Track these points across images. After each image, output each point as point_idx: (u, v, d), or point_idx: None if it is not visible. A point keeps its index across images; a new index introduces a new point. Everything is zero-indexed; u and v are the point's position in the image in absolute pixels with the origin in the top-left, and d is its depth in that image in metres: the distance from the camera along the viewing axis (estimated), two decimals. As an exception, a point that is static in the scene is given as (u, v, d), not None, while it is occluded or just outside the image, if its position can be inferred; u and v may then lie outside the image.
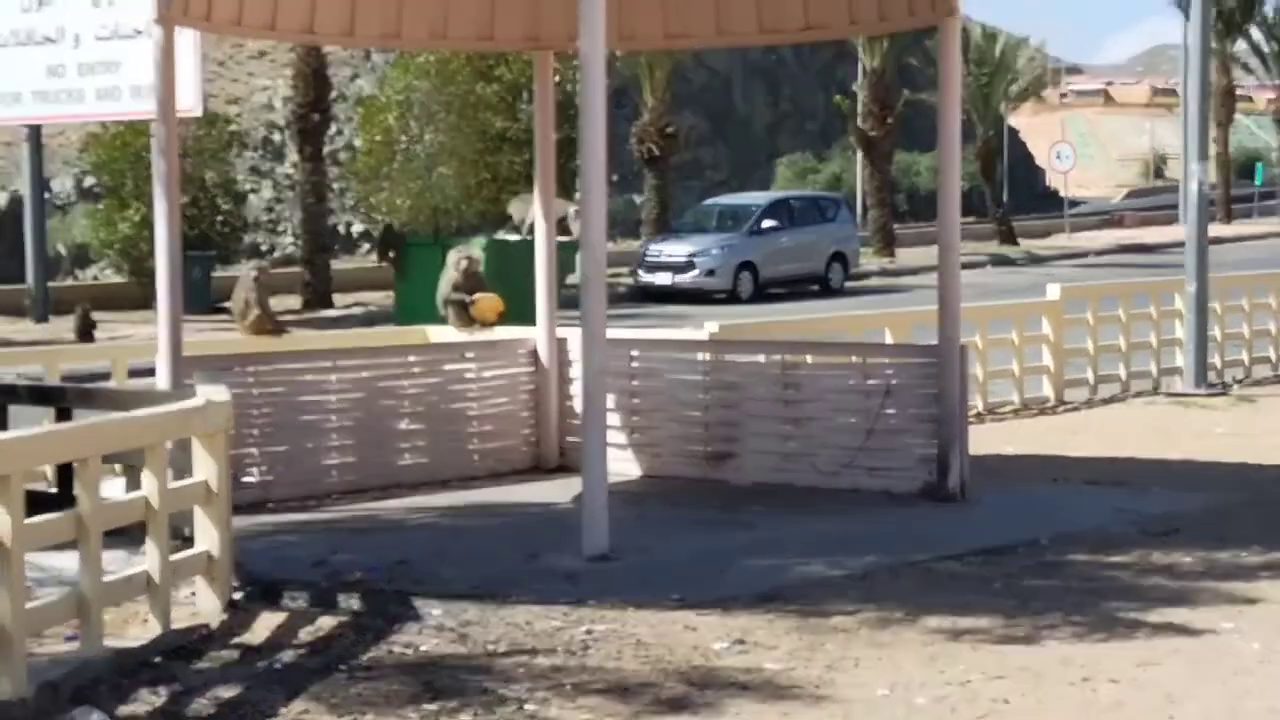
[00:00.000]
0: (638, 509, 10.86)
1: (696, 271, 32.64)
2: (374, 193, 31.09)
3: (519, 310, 26.90)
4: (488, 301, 13.81)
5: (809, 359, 12.23)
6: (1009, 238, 47.69)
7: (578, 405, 12.16)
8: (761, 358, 12.26)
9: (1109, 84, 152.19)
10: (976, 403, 15.35)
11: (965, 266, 40.79)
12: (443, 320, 13.97)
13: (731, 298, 32.53)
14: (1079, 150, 62.01)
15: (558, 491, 11.63)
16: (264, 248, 45.74)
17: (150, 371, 11.26)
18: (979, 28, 47.83)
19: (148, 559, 6.87)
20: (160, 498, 6.75)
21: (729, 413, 12.12)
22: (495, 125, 31.77)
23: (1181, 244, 49.49)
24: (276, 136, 55.04)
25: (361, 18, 12.06)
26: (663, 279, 32.83)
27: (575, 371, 12.53)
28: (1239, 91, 63.28)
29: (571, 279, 35.55)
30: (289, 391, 11.49)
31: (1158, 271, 38.64)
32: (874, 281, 37.23)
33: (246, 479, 11.09)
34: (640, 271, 33.55)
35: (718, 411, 12.17)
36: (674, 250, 33.10)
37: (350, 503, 11.35)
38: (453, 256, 14.39)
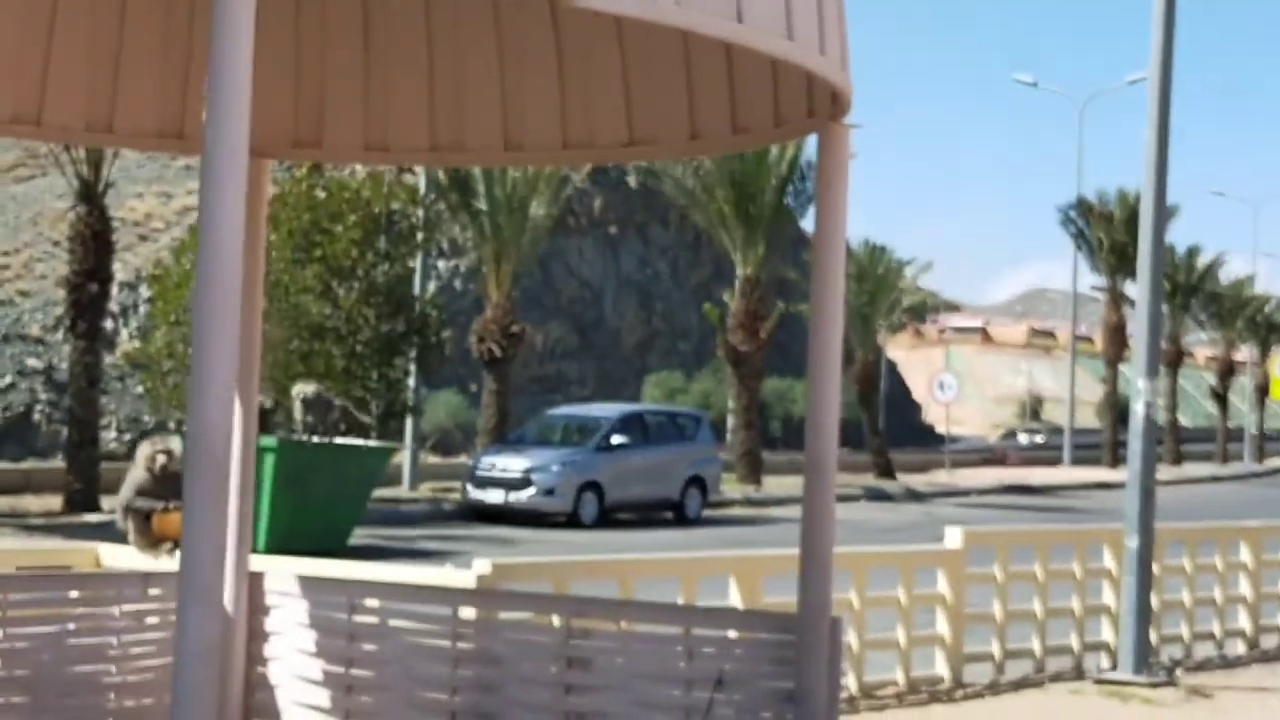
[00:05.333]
0: None
1: (533, 490, 28.66)
2: (150, 380, 27.09)
3: (319, 527, 23.10)
4: (174, 519, 9.71)
5: (616, 624, 8.25)
6: (886, 471, 44.39)
7: (275, 672, 8.32)
8: (538, 619, 8.29)
9: (987, 322, 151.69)
10: (849, 682, 11.53)
11: (838, 500, 36.81)
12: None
13: (572, 521, 28.58)
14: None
15: (208, 815, 7.56)
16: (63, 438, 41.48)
17: None
18: (864, 241, 44.95)
19: None
20: None
21: (485, 700, 8.09)
22: (312, 311, 28.02)
23: (1068, 486, 46.97)
24: (108, 324, 51.43)
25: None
26: (494, 496, 28.83)
27: (275, 622, 8.60)
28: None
29: (392, 492, 31.78)
30: None
31: (1047, 515, 35.33)
32: (736, 511, 33.50)
33: None
34: (470, 487, 29.55)
35: (471, 697, 8.13)
36: (509, 464, 29.12)
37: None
38: (144, 450, 10.40)
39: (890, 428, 58.58)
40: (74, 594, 8.40)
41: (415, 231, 31.57)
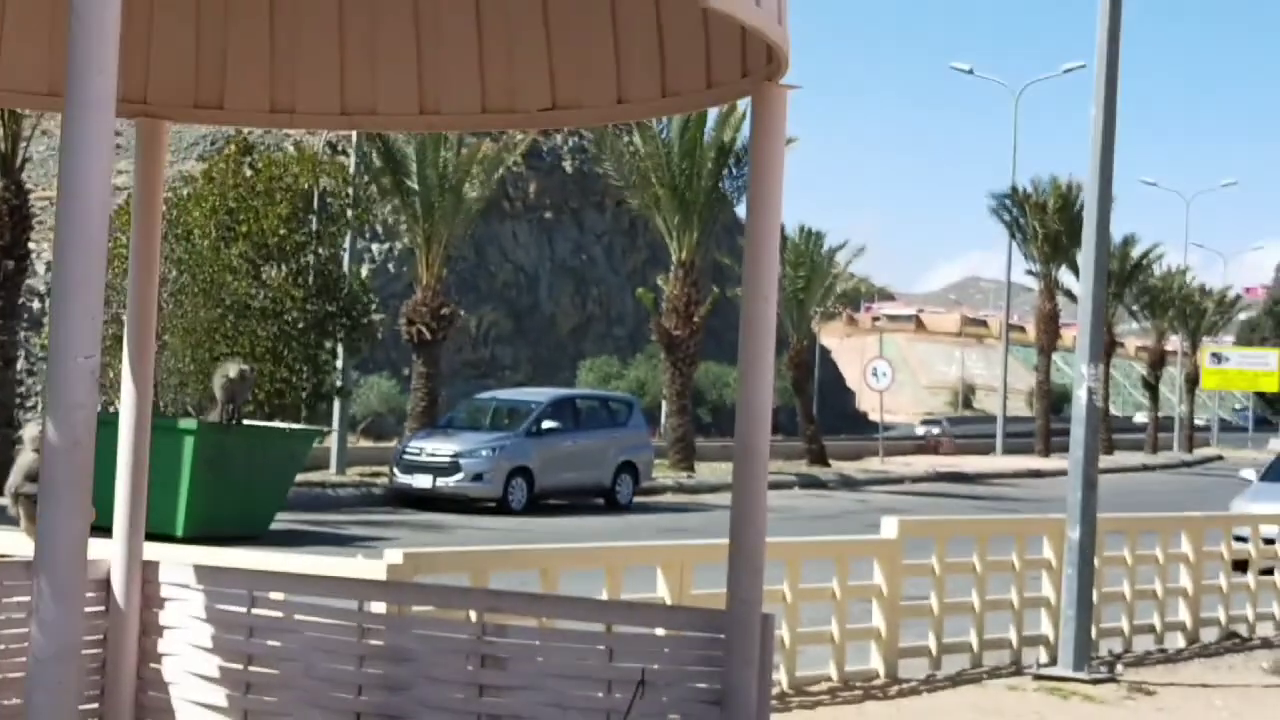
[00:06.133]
0: None
1: (461, 475, 28.08)
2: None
3: (240, 512, 22.44)
4: None
5: (533, 620, 7.75)
6: (819, 458, 44.02)
7: (169, 669, 7.84)
8: (451, 614, 7.82)
9: (921, 311, 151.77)
10: (780, 677, 11.08)
11: (771, 486, 36.42)
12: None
13: (501, 507, 28.04)
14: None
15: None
16: None
17: None
18: (800, 227, 44.47)
19: None
20: None
21: (393, 700, 7.59)
22: (236, 292, 27.36)
23: (1001, 474, 46.75)
24: (35, 304, 50.54)
25: None
26: (422, 481, 28.24)
27: (170, 616, 8.06)
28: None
29: (319, 476, 31.12)
30: None
31: (980, 504, 35.02)
32: (668, 498, 33.04)
33: None
34: (397, 471, 28.95)
35: (378, 697, 7.63)
36: (437, 448, 28.53)
37: None
38: (30, 431, 9.90)
39: (824, 415, 58.19)
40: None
41: (345, 211, 30.94)
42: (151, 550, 8.37)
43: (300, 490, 26.82)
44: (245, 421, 22.79)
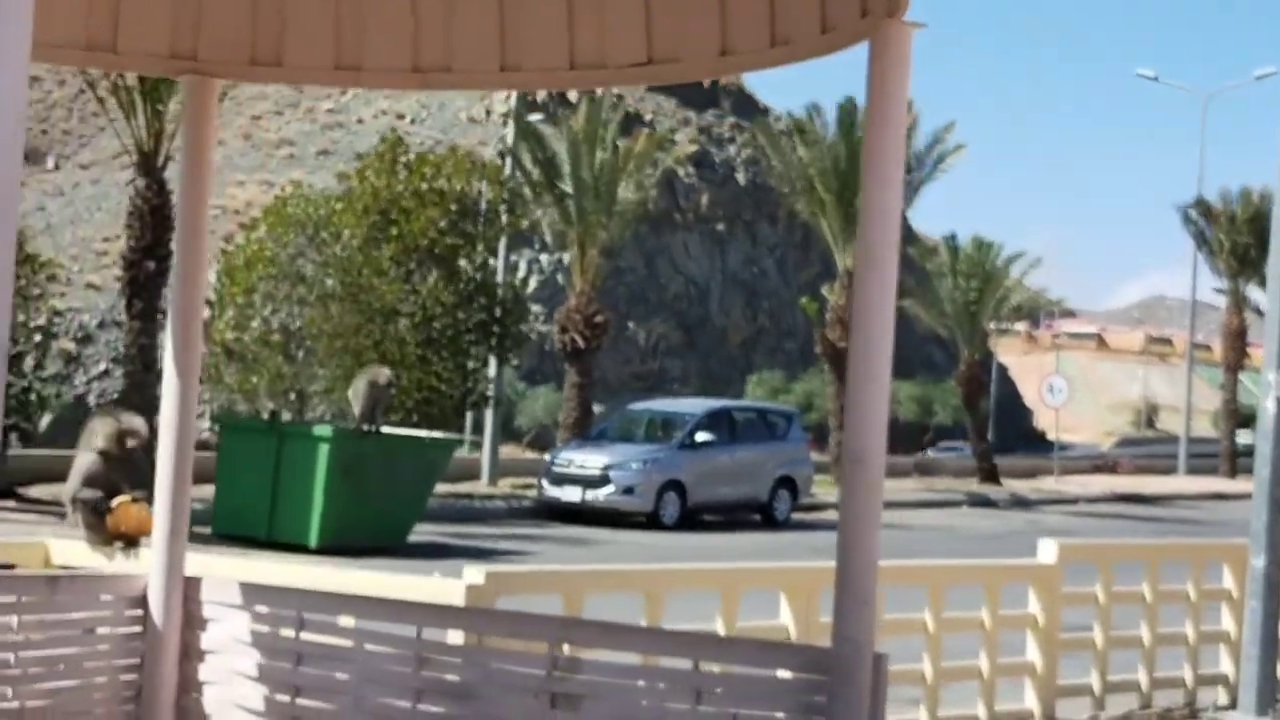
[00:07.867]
0: None
1: (612, 488, 27.20)
2: (214, 365, 25.84)
3: (376, 522, 21.77)
4: (131, 511, 8.10)
5: (612, 653, 6.69)
6: (991, 476, 42.59)
7: (210, 699, 6.98)
8: (521, 645, 6.78)
9: (1103, 329, 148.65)
10: (921, 717, 9.95)
11: (938, 505, 34.77)
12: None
13: (653, 522, 27.09)
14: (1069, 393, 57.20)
15: None
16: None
17: None
18: (972, 237, 43.04)
19: None
20: None
21: (453, 742, 6.59)
22: (385, 297, 26.68)
23: (1183, 496, 44.85)
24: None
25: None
26: (571, 494, 27.40)
27: (212, 638, 7.17)
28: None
29: (469, 486, 30.43)
30: None
31: (1158, 526, 33.41)
32: (829, 515, 31.82)
33: None
34: (546, 483, 28.12)
35: (438, 736, 6.63)
36: (587, 460, 27.68)
37: None
38: (95, 427, 8.98)
39: (1000, 433, 56.69)
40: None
41: (500, 215, 30.23)
42: (194, 564, 7.48)
43: (447, 501, 26.12)
44: (384, 430, 22.06)
